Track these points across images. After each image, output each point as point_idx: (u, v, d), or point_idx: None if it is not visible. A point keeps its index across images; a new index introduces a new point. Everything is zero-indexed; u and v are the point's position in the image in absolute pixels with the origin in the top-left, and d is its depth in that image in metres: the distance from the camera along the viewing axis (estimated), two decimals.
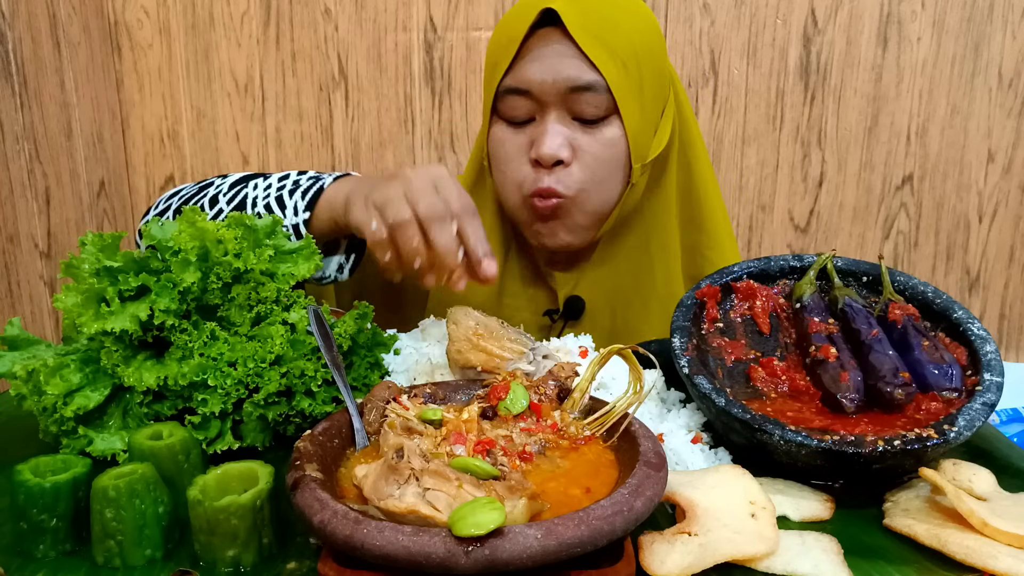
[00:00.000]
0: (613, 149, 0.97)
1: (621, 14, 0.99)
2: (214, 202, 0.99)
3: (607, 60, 0.94)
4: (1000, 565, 0.59)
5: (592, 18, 0.95)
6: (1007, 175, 2.03)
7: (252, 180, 1.01)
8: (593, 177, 0.98)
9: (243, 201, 0.98)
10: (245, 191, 0.99)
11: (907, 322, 0.82)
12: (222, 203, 0.99)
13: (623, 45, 0.96)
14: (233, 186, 1.00)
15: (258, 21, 2.02)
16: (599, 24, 0.95)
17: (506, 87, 0.98)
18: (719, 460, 0.77)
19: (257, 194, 0.98)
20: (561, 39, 0.95)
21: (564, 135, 0.96)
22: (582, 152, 0.97)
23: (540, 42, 0.96)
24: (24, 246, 1.70)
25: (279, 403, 0.76)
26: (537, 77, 0.95)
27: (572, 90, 0.95)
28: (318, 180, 0.96)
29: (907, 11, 1.94)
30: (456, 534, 0.50)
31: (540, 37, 0.96)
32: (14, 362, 0.79)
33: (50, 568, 0.61)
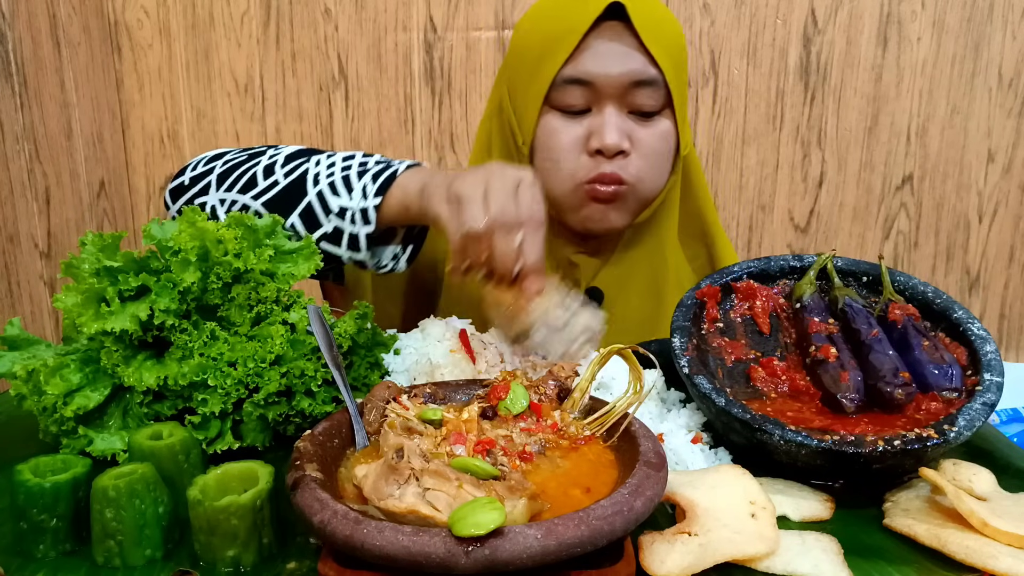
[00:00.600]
0: (666, 141, 1.03)
1: (667, 15, 1.04)
2: (269, 171, 0.95)
3: (664, 57, 0.98)
4: (1000, 565, 0.59)
5: (650, 16, 0.99)
6: (1007, 175, 2.03)
7: (312, 155, 0.96)
8: (651, 167, 1.02)
9: (303, 176, 0.93)
10: (306, 166, 0.94)
11: (907, 322, 0.82)
12: (278, 174, 0.94)
13: (672, 42, 1.01)
14: (291, 158, 0.96)
15: (258, 21, 2.02)
16: (656, 22, 1.00)
17: (566, 77, 0.99)
18: (719, 460, 0.77)
19: (319, 171, 0.93)
20: (625, 34, 0.98)
21: (623, 126, 0.99)
22: (640, 143, 1.01)
23: (605, 35, 0.98)
24: (24, 246, 1.70)
25: (279, 403, 0.76)
26: (602, 70, 0.98)
27: (634, 84, 0.98)
28: (389, 165, 0.92)
29: (907, 11, 1.94)
30: (456, 534, 0.50)
31: (604, 30, 0.98)
32: (14, 362, 0.79)
33: (50, 568, 0.61)
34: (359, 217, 0.89)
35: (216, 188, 0.96)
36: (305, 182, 0.92)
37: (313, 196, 0.91)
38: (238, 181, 0.95)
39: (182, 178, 1.00)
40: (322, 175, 0.92)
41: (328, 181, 0.91)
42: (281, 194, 0.92)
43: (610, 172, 0.99)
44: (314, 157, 0.95)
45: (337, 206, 0.90)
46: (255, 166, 0.96)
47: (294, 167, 0.94)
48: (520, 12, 1.98)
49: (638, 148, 1.00)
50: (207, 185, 0.97)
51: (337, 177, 0.91)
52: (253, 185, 0.94)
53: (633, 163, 1.00)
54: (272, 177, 0.94)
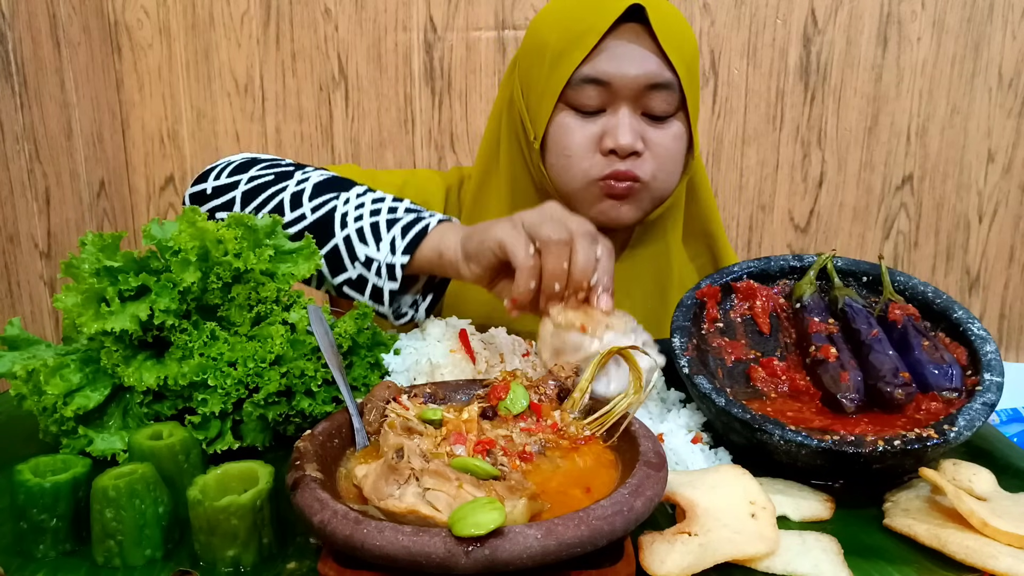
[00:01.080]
0: (679, 143, 1.04)
1: (681, 20, 1.05)
2: (296, 202, 0.93)
3: (680, 61, 0.99)
4: (1000, 565, 0.59)
5: (668, 20, 1.00)
6: (1007, 175, 2.03)
7: (341, 190, 0.94)
8: (663, 168, 1.03)
9: (331, 214, 0.91)
10: (334, 203, 0.92)
11: (907, 322, 0.82)
12: (306, 207, 0.93)
13: (688, 48, 1.02)
14: (319, 190, 0.94)
15: (258, 21, 2.02)
16: (672, 26, 1.00)
17: (583, 76, 1.00)
18: (719, 460, 0.77)
19: (347, 211, 0.91)
20: (644, 36, 0.99)
21: (637, 128, 1.00)
22: (654, 145, 1.02)
23: (624, 37, 0.99)
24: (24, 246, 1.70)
25: (279, 403, 0.76)
26: (619, 71, 0.98)
27: (650, 87, 0.99)
28: (419, 218, 0.90)
29: (907, 11, 1.94)
30: (456, 534, 0.50)
31: (623, 32, 0.99)
32: (14, 362, 0.79)
33: (50, 568, 0.61)
34: (385, 272, 0.88)
35: (241, 207, 0.95)
36: (333, 222, 0.91)
37: (340, 240, 0.90)
38: (264, 205, 0.94)
39: (204, 185, 0.99)
40: (350, 217, 0.91)
41: (356, 226, 0.90)
42: (308, 230, 0.91)
43: (625, 169, 1.00)
44: (343, 195, 0.93)
45: (364, 255, 0.89)
46: (282, 192, 0.94)
47: (322, 202, 0.93)
48: (520, 12, 1.98)
49: (651, 149, 1.01)
50: (230, 201, 0.96)
51: (366, 223, 0.90)
52: (279, 214, 0.93)
53: (647, 163, 1.01)
54: (299, 210, 0.93)
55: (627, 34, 0.99)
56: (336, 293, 0.94)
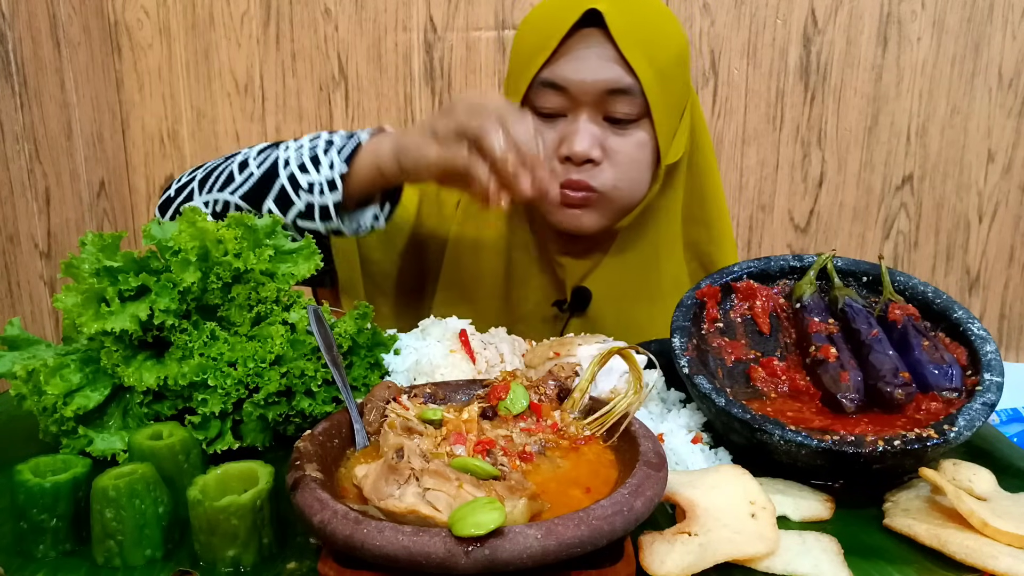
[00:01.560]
0: (642, 151, 1.01)
1: (657, 20, 1.02)
2: (244, 166, 0.98)
3: (645, 66, 0.97)
4: (1000, 565, 0.59)
5: (634, 23, 0.98)
6: (1007, 175, 2.03)
7: (281, 144, 1.00)
8: (625, 176, 1.01)
9: (274, 163, 0.96)
10: (275, 154, 0.97)
11: (907, 322, 0.82)
12: (252, 167, 0.97)
13: (659, 52, 0.99)
14: (262, 151, 1.00)
15: (258, 21, 2.02)
16: (640, 30, 0.98)
17: (542, 81, 0.99)
18: (719, 460, 0.77)
19: (288, 155, 0.96)
20: (603, 41, 0.97)
21: (595, 135, 0.99)
22: (614, 152, 1.00)
23: (582, 41, 0.98)
24: (24, 246, 1.70)
25: (279, 403, 0.76)
26: (576, 76, 0.97)
27: (609, 92, 0.97)
28: (352, 136, 0.96)
29: (907, 11, 1.94)
30: (456, 534, 0.50)
31: (582, 36, 0.98)
32: (14, 362, 0.79)
33: (50, 568, 0.61)
34: (327, 188, 0.93)
35: (199, 192, 1.00)
36: (276, 167, 0.96)
37: (284, 179, 0.94)
38: (217, 180, 0.99)
39: (168, 192, 1.04)
40: (292, 158, 0.96)
41: (298, 163, 0.95)
42: (256, 184, 0.96)
43: (576, 179, 0.99)
44: (283, 144, 0.99)
45: (306, 183, 0.93)
46: (230, 164, 0.99)
47: (265, 157, 0.98)
48: (520, 12, 1.98)
49: (611, 156, 1.00)
50: (191, 192, 1.00)
51: (306, 157, 0.95)
52: (231, 181, 0.97)
53: (605, 171, 1.00)
54: (247, 170, 0.97)
55: (586, 39, 0.97)
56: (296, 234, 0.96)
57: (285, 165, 0.95)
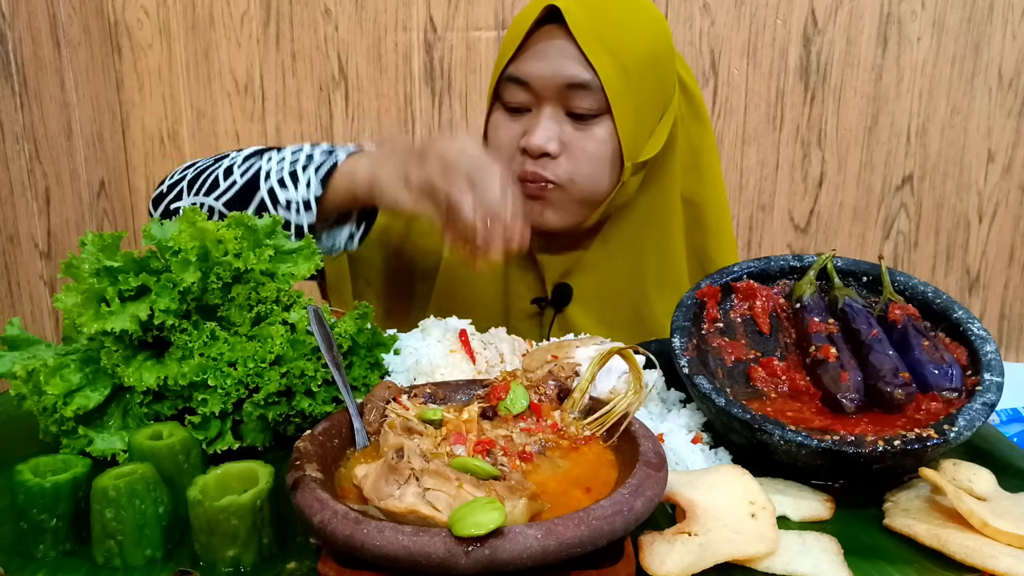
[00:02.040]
0: (603, 147, 1.01)
1: (629, 17, 1.02)
2: (228, 173, 1.00)
3: (606, 61, 0.97)
4: (1000, 565, 0.59)
5: (597, 19, 0.98)
6: (1007, 175, 2.03)
7: (266, 153, 1.02)
8: (581, 171, 1.01)
9: (256, 174, 0.99)
10: (258, 164, 0.99)
11: (907, 322, 0.82)
12: (236, 174, 1.00)
13: (625, 48, 0.99)
14: (248, 158, 1.01)
15: (258, 21, 2.02)
16: (603, 26, 0.98)
17: (508, 76, 1.02)
18: (719, 460, 0.77)
19: (271, 167, 0.98)
20: (563, 37, 0.98)
21: (554, 129, 1.00)
22: (572, 147, 1.01)
23: (544, 38, 1.00)
24: (24, 246, 1.70)
25: (279, 403, 0.76)
26: (536, 71, 1.00)
27: (568, 87, 0.99)
28: (331, 154, 0.98)
29: (907, 11, 1.94)
30: (456, 534, 0.50)
31: (544, 33, 1.00)
32: (14, 362, 0.79)
33: (50, 568, 0.61)
34: (302, 207, 0.95)
35: (187, 193, 1.01)
36: (258, 179, 0.98)
37: (264, 192, 0.97)
38: (204, 184, 1.01)
39: (162, 187, 1.05)
40: (273, 171, 0.98)
41: (278, 177, 0.97)
42: (238, 193, 0.98)
43: (532, 171, 1.01)
44: (267, 154, 1.01)
45: (284, 199, 0.96)
46: (217, 169, 1.01)
47: (249, 167, 1.00)
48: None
49: (570, 151, 1.01)
50: (180, 191, 1.02)
51: (285, 172, 0.97)
52: (216, 187, 1.00)
53: (561, 164, 1.01)
54: (231, 177, 1.00)
55: (547, 35, 1.00)
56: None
57: (266, 178, 0.98)
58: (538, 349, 0.85)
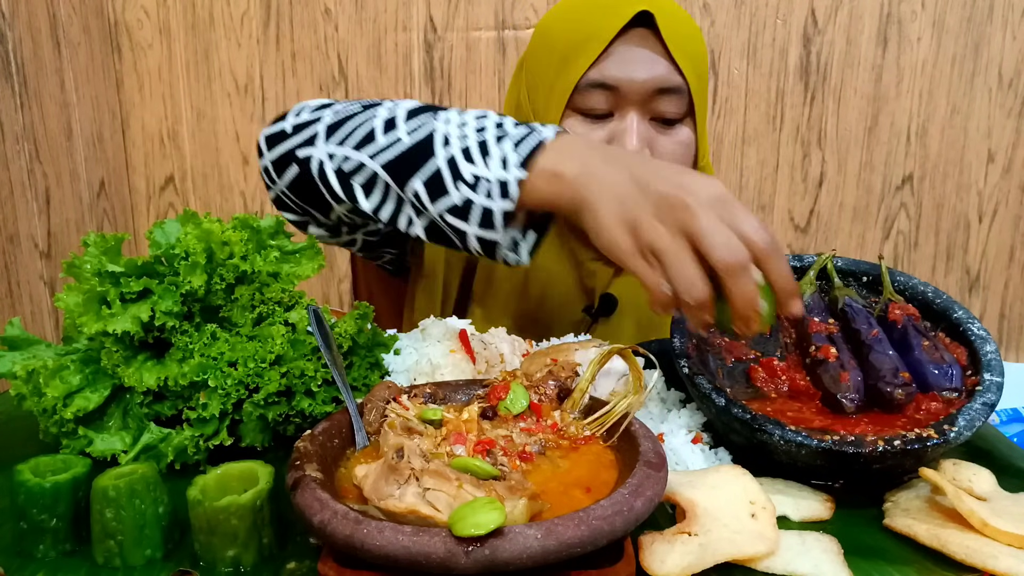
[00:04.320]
0: (686, 150, 1.02)
1: (691, 25, 1.04)
2: (390, 126, 0.82)
3: (688, 65, 0.99)
4: (1000, 565, 0.59)
5: (676, 24, 1.00)
6: (1007, 175, 2.03)
7: (436, 111, 0.84)
8: None
9: (430, 136, 0.80)
10: (433, 124, 0.81)
11: (907, 322, 0.82)
12: (400, 131, 0.82)
13: (696, 53, 1.01)
14: (413, 114, 0.83)
15: (258, 21, 2.02)
16: (681, 31, 1.00)
17: (591, 81, 0.99)
18: (719, 460, 0.77)
19: (449, 131, 0.80)
20: (652, 41, 0.98)
21: (644, 134, 0.99)
22: (661, 152, 1.00)
23: (632, 41, 0.98)
24: (24, 246, 1.70)
25: (279, 403, 0.76)
26: (627, 75, 0.98)
27: (659, 91, 0.98)
28: (533, 130, 0.78)
29: (907, 11, 1.94)
30: (456, 534, 0.50)
31: (631, 36, 0.98)
32: (14, 362, 0.79)
33: (50, 568, 0.61)
34: (496, 190, 0.75)
35: (325, 139, 0.85)
36: (432, 143, 0.79)
37: (442, 160, 0.78)
38: (352, 134, 0.83)
39: (283, 124, 0.89)
40: (453, 136, 0.79)
41: (461, 145, 0.78)
42: (405, 154, 0.80)
43: None
44: (441, 114, 0.83)
45: (470, 174, 0.77)
46: (371, 118, 0.84)
47: (419, 124, 0.82)
48: (520, 12, 1.98)
49: (659, 156, 1.00)
50: (313, 136, 0.86)
51: (472, 140, 0.78)
52: (370, 140, 0.82)
53: None
54: (393, 132, 0.81)
55: (635, 38, 0.98)
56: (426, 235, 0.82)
57: (445, 143, 0.79)
58: (537, 352, 0.85)
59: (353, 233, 1.00)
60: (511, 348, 0.89)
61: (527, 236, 0.79)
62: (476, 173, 0.76)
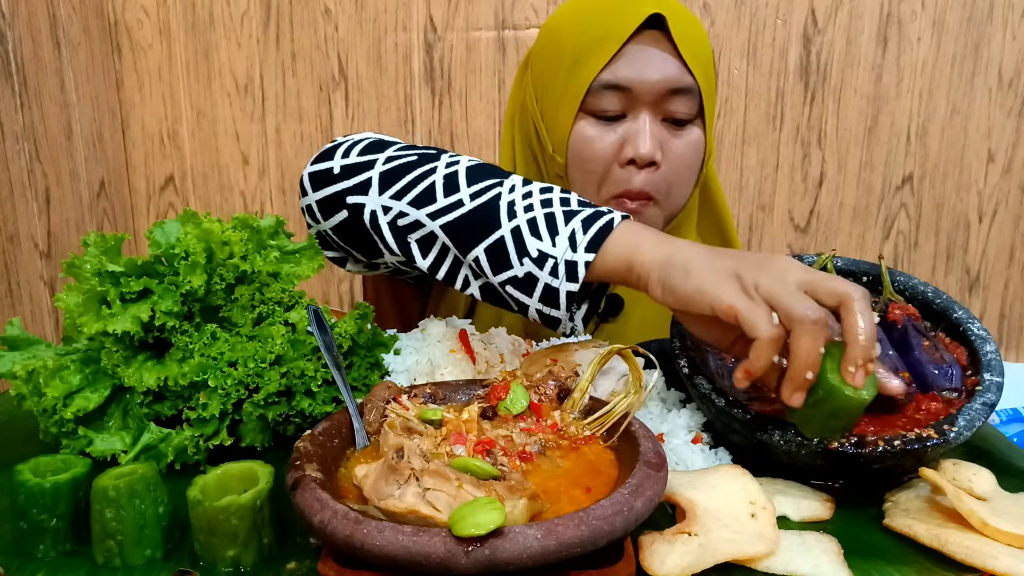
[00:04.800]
0: (696, 151, 1.03)
1: (699, 28, 1.05)
2: (451, 186, 0.79)
3: (698, 67, 1.00)
4: (1000, 565, 0.59)
5: (685, 27, 1.00)
6: (1007, 175, 2.03)
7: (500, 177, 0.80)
8: (676, 178, 1.02)
9: (494, 202, 0.77)
10: (497, 189, 0.78)
11: (907, 322, 0.82)
12: (463, 193, 0.79)
13: (705, 55, 1.02)
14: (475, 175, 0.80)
15: (258, 21, 2.02)
16: (691, 32, 1.01)
17: (603, 83, 0.99)
18: (719, 460, 0.77)
19: (514, 199, 0.77)
20: (663, 42, 0.99)
21: (658, 136, 1.00)
22: (671, 153, 1.01)
23: (645, 42, 0.99)
24: (24, 246, 1.70)
25: (279, 403, 0.76)
26: (640, 76, 0.98)
27: (671, 92, 0.99)
28: (599, 212, 0.76)
29: (907, 11, 1.94)
30: (456, 534, 0.50)
31: (643, 37, 0.99)
32: (14, 362, 0.79)
33: (50, 568, 0.61)
34: (563, 270, 0.73)
35: (379, 190, 0.82)
36: (498, 211, 0.77)
37: (507, 231, 0.76)
38: (410, 188, 0.81)
39: (330, 163, 0.86)
40: (519, 207, 0.77)
41: (527, 217, 0.76)
42: (467, 219, 0.78)
43: (638, 189, 1.00)
44: (505, 181, 0.80)
45: (536, 250, 0.75)
46: (431, 173, 0.81)
47: (483, 188, 0.79)
48: (520, 12, 1.98)
49: (668, 158, 1.01)
50: (366, 183, 0.83)
51: (539, 214, 0.76)
52: (431, 200, 0.79)
53: (662, 174, 1.00)
54: (456, 195, 0.79)
55: (647, 39, 0.99)
56: (482, 297, 0.81)
57: (511, 214, 0.76)
58: (537, 352, 0.85)
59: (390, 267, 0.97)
60: (511, 348, 0.89)
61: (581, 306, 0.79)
62: (542, 249, 0.75)
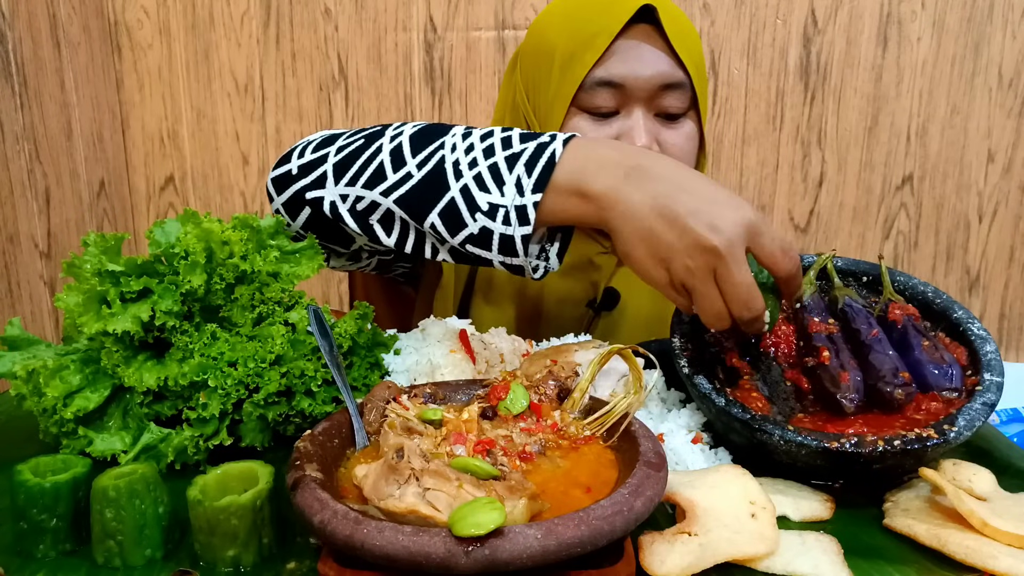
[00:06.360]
0: (691, 143, 1.03)
1: (687, 21, 1.05)
2: (398, 160, 0.80)
3: (689, 60, 1.00)
4: (1000, 565, 0.59)
5: (676, 20, 1.00)
6: (1007, 175, 2.03)
7: (441, 138, 0.80)
8: None
9: (440, 166, 0.78)
10: (441, 152, 0.79)
11: (907, 322, 0.82)
12: (410, 165, 0.79)
13: (695, 48, 1.02)
14: (418, 141, 0.81)
15: (258, 21, 2.02)
16: (681, 26, 1.01)
17: (596, 79, 0.99)
18: (719, 460, 0.77)
19: (458, 157, 0.78)
20: (654, 37, 0.99)
21: (651, 130, 1.00)
22: (667, 146, 1.01)
23: (635, 37, 0.99)
24: (24, 246, 1.70)
25: (279, 403, 0.76)
26: (633, 72, 0.98)
27: (664, 87, 0.99)
28: (542, 146, 0.76)
29: (907, 11, 1.94)
30: (456, 534, 0.50)
31: (634, 33, 0.99)
32: (14, 362, 0.79)
33: (50, 568, 0.61)
34: (514, 216, 0.75)
35: (335, 181, 0.83)
36: (444, 174, 0.78)
37: (456, 192, 0.77)
38: (362, 172, 0.82)
39: (288, 166, 0.87)
40: (463, 164, 0.77)
41: (473, 173, 0.77)
42: (418, 189, 0.78)
43: None
44: (447, 140, 0.80)
45: (486, 203, 0.76)
46: (378, 153, 0.81)
47: (428, 155, 0.79)
48: (520, 12, 1.98)
49: (665, 151, 1.01)
50: (322, 176, 0.84)
51: (483, 167, 0.77)
52: (382, 178, 0.80)
53: None
54: (403, 168, 0.79)
55: (638, 35, 0.98)
56: (454, 260, 0.83)
57: (456, 174, 0.77)
58: (537, 352, 0.85)
59: (371, 258, 1.02)
60: (511, 348, 0.90)
61: (553, 243, 0.79)
62: (491, 201, 0.76)
